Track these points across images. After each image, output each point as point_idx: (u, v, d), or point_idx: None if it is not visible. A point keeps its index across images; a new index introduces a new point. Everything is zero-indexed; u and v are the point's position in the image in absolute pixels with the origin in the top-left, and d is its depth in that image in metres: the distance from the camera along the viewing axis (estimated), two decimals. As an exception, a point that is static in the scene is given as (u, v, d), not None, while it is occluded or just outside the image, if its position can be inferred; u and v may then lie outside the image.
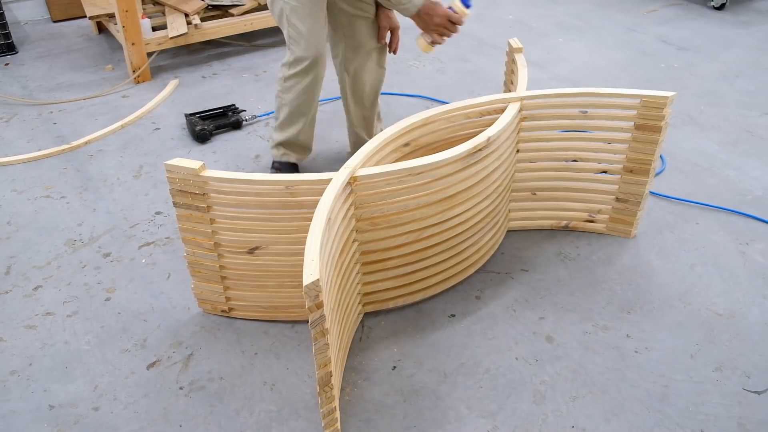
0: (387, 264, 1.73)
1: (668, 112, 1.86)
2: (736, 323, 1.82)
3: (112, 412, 1.56)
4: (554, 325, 1.81)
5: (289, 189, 1.54)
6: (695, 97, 3.06)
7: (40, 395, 1.60)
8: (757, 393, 1.62)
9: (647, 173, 1.97)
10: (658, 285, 1.95)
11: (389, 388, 1.63)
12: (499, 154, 1.79)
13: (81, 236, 2.15)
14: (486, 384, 1.64)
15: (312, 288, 1.22)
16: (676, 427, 1.53)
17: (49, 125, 2.80)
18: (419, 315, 1.85)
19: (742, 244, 2.11)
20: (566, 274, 1.99)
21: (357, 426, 1.53)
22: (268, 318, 1.81)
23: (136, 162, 2.55)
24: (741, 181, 2.43)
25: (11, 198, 2.34)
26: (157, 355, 1.72)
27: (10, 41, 3.44)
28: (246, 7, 3.50)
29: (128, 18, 3.01)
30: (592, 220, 2.14)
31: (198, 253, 1.70)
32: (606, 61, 3.48)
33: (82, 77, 3.23)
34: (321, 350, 1.31)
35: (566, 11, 4.21)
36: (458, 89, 3.14)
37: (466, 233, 1.81)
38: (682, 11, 4.19)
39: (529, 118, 1.91)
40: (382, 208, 1.62)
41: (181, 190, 1.60)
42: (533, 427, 1.53)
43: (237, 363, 1.69)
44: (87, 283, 1.95)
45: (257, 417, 1.55)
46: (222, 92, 3.10)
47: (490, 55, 3.53)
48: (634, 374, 1.66)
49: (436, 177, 1.63)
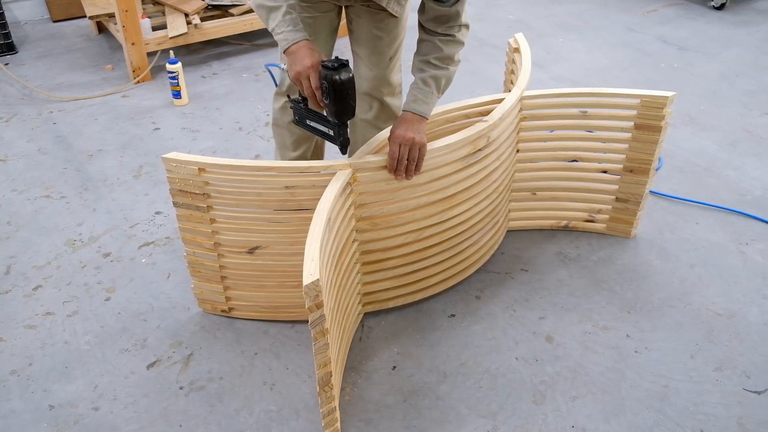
0: (387, 264, 1.73)
1: (668, 112, 1.86)
2: (736, 323, 1.82)
3: (112, 412, 1.56)
4: (554, 325, 1.81)
5: (289, 189, 1.54)
6: (695, 97, 3.06)
7: (40, 395, 1.60)
8: (757, 393, 1.62)
9: (647, 173, 1.97)
10: (658, 285, 1.95)
11: (389, 388, 1.63)
12: (499, 154, 1.79)
13: (81, 236, 2.15)
14: (486, 384, 1.64)
15: (312, 288, 1.22)
16: (676, 427, 1.53)
17: (49, 125, 2.80)
18: (419, 315, 1.85)
19: (742, 244, 2.11)
20: (566, 274, 1.99)
21: (357, 426, 1.53)
22: (268, 318, 1.81)
23: (136, 162, 2.55)
24: (741, 181, 2.43)
25: (11, 198, 2.34)
26: (157, 355, 1.72)
27: (10, 41, 3.43)
28: (246, 7, 3.50)
29: (128, 18, 3.01)
30: (592, 220, 2.14)
31: (198, 253, 1.70)
32: (606, 61, 3.47)
33: (82, 77, 3.23)
34: (321, 350, 1.31)
35: (566, 11, 4.21)
36: (458, 89, 3.13)
37: (466, 233, 1.81)
38: (682, 11, 4.19)
39: (529, 118, 1.91)
40: (382, 208, 1.62)
41: (181, 190, 1.60)
42: (533, 427, 1.53)
43: (237, 363, 1.69)
44: (87, 283, 1.95)
45: (257, 417, 1.55)
46: (222, 92, 3.10)
47: (490, 55, 3.52)
48: (634, 374, 1.66)
49: (436, 177, 1.63)
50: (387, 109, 1.93)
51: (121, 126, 2.80)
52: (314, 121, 1.59)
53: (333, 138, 1.54)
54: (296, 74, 1.47)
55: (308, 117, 1.60)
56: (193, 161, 1.54)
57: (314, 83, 1.46)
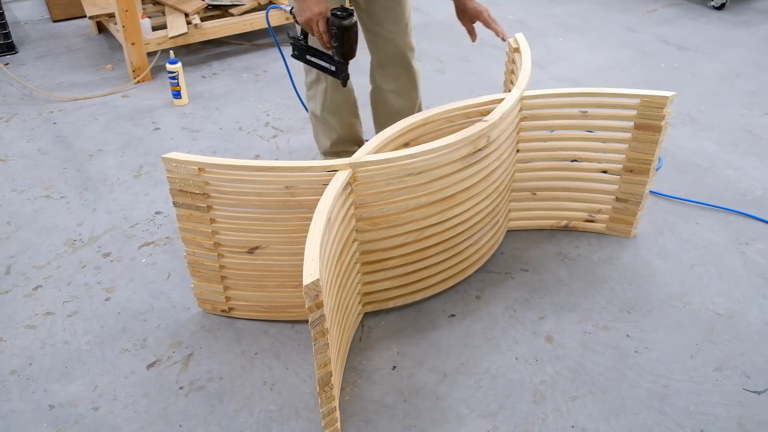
0: (387, 264, 1.73)
1: (668, 112, 1.86)
2: (736, 323, 1.82)
3: (112, 412, 1.56)
4: (554, 325, 1.81)
5: (289, 189, 1.54)
6: (695, 97, 3.06)
7: (40, 395, 1.60)
8: (757, 393, 1.62)
9: (647, 173, 1.97)
10: (658, 285, 1.95)
11: (389, 388, 1.63)
12: (499, 154, 1.79)
13: (81, 236, 2.15)
14: (486, 384, 1.64)
15: (312, 288, 1.22)
16: (676, 427, 1.53)
17: (48, 125, 2.80)
18: (419, 315, 1.85)
19: (742, 244, 2.11)
20: (566, 274, 1.99)
21: (357, 426, 1.53)
22: (268, 318, 1.81)
23: (136, 162, 2.55)
24: (741, 181, 2.43)
25: (11, 198, 2.34)
26: (157, 355, 1.72)
27: (10, 41, 3.44)
28: (246, 7, 3.50)
29: (128, 18, 3.01)
30: (592, 220, 2.14)
31: (198, 252, 1.70)
32: (606, 61, 3.47)
33: (82, 77, 3.24)
34: (321, 350, 1.31)
35: (566, 11, 4.21)
36: (458, 89, 3.14)
37: (466, 233, 1.81)
38: (682, 11, 4.19)
39: (529, 118, 1.91)
40: (382, 208, 1.62)
41: (181, 190, 1.60)
42: (533, 427, 1.53)
43: (237, 363, 1.69)
44: (87, 283, 1.95)
45: (257, 417, 1.55)
46: (222, 92, 3.10)
47: (490, 55, 3.52)
48: (634, 374, 1.66)
49: (436, 177, 1.63)
50: (411, 74, 2.15)
51: (121, 126, 2.80)
52: (315, 56, 1.84)
53: (334, 73, 1.80)
54: (307, 20, 1.69)
55: (308, 53, 1.85)
56: (193, 161, 1.54)
57: (322, 28, 1.69)
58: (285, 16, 3.53)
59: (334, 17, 1.67)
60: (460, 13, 1.96)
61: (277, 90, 3.12)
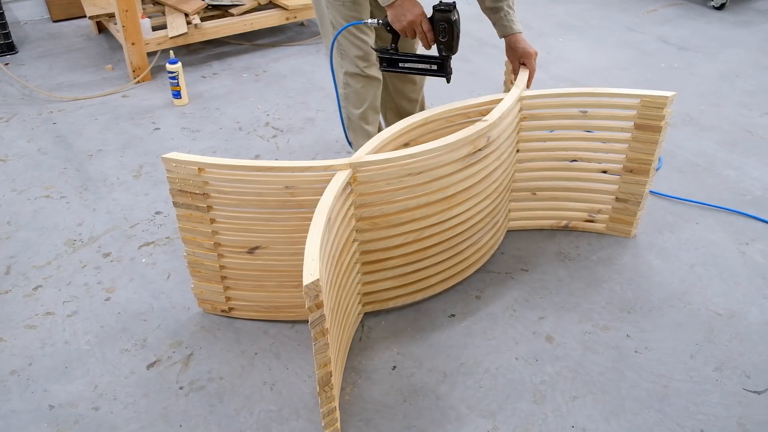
0: (387, 264, 1.73)
1: (668, 112, 1.86)
2: (736, 323, 1.82)
3: (112, 411, 1.56)
4: (554, 325, 1.81)
5: (289, 189, 1.54)
6: (695, 97, 3.06)
7: (40, 395, 1.60)
8: (757, 393, 1.62)
9: (647, 173, 1.97)
10: (658, 285, 1.95)
11: (389, 388, 1.63)
12: (499, 154, 1.79)
13: (81, 236, 2.15)
14: (486, 384, 1.64)
15: (312, 288, 1.22)
16: (676, 426, 1.53)
17: (48, 125, 2.80)
18: (419, 315, 1.85)
19: (742, 244, 2.11)
20: (566, 274, 1.99)
21: (357, 426, 1.53)
22: (268, 318, 1.81)
23: (136, 162, 2.55)
24: (741, 181, 2.43)
25: (11, 198, 2.34)
26: (157, 355, 1.72)
27: (10, 41, 3.44)
28: (246, 7, 3.50)
29: (128, 18, 3.01)
30: (592, 220, 2.14)
31: (198, 253, 1.70)
32: (606, 61, 3.48)
33: (82, 77, 3.24)
34: (321, 350, 1.31)
35: (566, 11, 4.21)
36: (458, 89, 3.13)
37: (466, 233, 1.81)
38: (682, 11, 4.19)
39: (529, 118, 1.91)
40: (382, 208, 1.62)
41: (181, 190, 1.60)
42: (533, 427, 1.53)
43: (237, 363, 1.69)
44: (87, 283, 1.95)
45: (257, 417, 1.55)
46: (222, 92, 3.10)
47: (490, 55, 3.53)
48: (634, 374, 1.66)
49: (436, 177, 1.63)
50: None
51: (121, 126, 2.80)
52: (409, 62, 1.85)
53: (438, 70, 1.83)
54: (409, 23, 1.72)
55: (401, 60, 1.85)
56: (193, 161, 1.54)
57: (426, 27, 1.73)
58: (285, 16, 3.54)
59: (439, 13, 1.69)
60: (509, 50, 1.98)
61: (277, 90, 3.12)
